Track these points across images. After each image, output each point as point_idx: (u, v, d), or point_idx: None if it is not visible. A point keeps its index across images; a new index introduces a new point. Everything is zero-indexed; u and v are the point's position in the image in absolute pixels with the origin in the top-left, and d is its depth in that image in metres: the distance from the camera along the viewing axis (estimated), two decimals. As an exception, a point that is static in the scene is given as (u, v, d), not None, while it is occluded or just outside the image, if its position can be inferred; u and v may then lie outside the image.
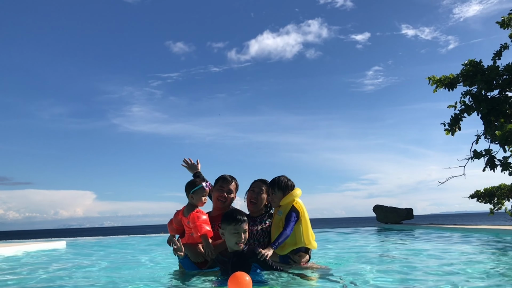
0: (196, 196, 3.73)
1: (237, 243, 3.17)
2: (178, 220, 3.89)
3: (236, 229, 3.18)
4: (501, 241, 6.86)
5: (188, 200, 3.81)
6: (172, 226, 3.96)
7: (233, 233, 3.18)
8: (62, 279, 4.03)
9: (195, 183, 3.80)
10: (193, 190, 3.74)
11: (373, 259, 4.93)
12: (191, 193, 3.75)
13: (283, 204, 3.83)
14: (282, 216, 3.77)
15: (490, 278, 3.35)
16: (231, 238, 3.19)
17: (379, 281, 3.22)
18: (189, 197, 3.77)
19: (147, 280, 3.67)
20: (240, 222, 3.20)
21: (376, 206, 16.95)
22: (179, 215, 3.86)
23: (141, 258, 6.14)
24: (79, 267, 5.19)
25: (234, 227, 3.18)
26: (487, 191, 12.98)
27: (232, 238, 3.19)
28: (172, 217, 4.00)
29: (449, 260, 4.59)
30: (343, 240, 8.80)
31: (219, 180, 4.04)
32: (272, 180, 3.96)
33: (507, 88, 10.70)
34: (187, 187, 3.82)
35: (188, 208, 3.77)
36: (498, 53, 11.21)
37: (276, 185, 3.87)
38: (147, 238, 12.22)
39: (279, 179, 3.91)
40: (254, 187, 4.01)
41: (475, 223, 21.92)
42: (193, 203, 3.76)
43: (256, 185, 4.01)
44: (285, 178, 3.93)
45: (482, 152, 10.57)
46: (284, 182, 3.89)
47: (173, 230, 3.98)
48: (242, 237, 3.18)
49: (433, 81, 11.51)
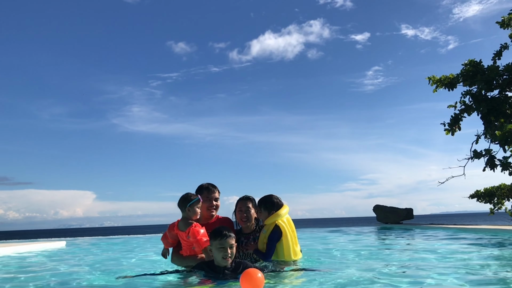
0: (192, 209, 3.86)
1: (223, 257, 3.29)
2: (173, 234, 4.02)
3: (222, 243, 3.30)
4: (501, 241, 6.86)
5: (183, 214, 3.92)
6: (167, 240, 4.09)
7: (219, 247, 3.30)
8: (62, 279, 4.03)
9: (190, 197, 3.92)
10: (190, 204, 3.85)
11: (373, 259, 4.93)
12: (188, 207, 3.85)
13: (267, 223, 4.07)
14: (266, 234, 4.04)
15: (490, 277, 3.36)
16: (218, 253, 3.31)
17: (379, 281, 3.21)
18: (186, 211, 3.88)
19: (147, 280, 3.67)
20: (226, 237, 3.32)
21: (376, 206, 16.95)
22: (174, 230, 3.98)
23: (141, 258, 6.14)
24: (79, 267, 5.19)
25: (219, 241, 3.31)
26: (487, 191, 12.97)
27: (219, 253, 3.31)
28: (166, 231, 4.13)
29: (449, 260, 4.59)
30: (343, 240, 8.79)
31: (203, 191, 4.19)
32: (260, 199, 4.21)
33: (507, 88, 10.70)
34: (182, 201, 3.91)
35: (184, 222, 3.89)
36: (498, 53, 11.21)
37: (263, 204, 4.14)
38: (147, 238, 12.22)
39: (265, 198, 4.16)
40: (241, 206, 4.22)
41: (475, 223, 21.93)
42: (189, 216, 3.87)
43: (242, 204, 4.22)
44: (273, 197, 4.17)
45: (482, 152, 10.57)
46: (269, 201, 4.13)
47: (168, 244, 4.13)
48: (228, 252, 3.29)
49: (433, 81, 11.51)
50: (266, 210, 4.10)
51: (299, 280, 3.34)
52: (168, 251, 4.18)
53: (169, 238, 4.06)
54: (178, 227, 3.91)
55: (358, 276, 3.48)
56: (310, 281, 3.24)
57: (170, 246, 4.12)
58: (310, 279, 3.33)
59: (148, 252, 7.11)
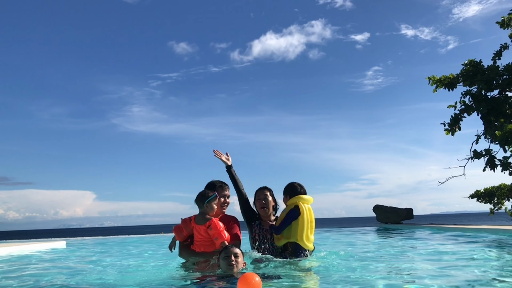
0: (209, 205, 4.03)
1: (228, 265, 3.42)
2: (190, 228, 4.11)
3: (226, 252, 3.48)
4: (502, 241, 6.86)
5: (201, 210, 4.06)
6: (182, 232, 4.15)
7: (224, 257, 3.47)
8: (62, 279, 4.03)
9: (208, 193, 4.08)
10: (208, 200, 4.01)
11: (372, 260, 4.93)
12: (206, 203, 4.01)
13: (289, 203, 4.42)
14: (285, 212, 4.38)
15: (490, 277, 3.36)
16: (223, 262, 3.46)
17: (379, 281, 3.21)
18: (204, 207, 4.03)
19: (146, 280, 3.67)
20: (229, 247, 3.54)
21: (376, 206, 16.95)
22: (191, 224, 4.08)
23: (141, 258, 6.14)
24: (79, 267, 5.19)
25: (224, 251, 3.51)
26: (487, 191, 12.97)
27: (224, 261, 3.45)
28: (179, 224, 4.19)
29: (449, 260, 4.59)
30: (342, 240, 8.79)
31: (217, 188, 4.31)
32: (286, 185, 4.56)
33: (507, 88, 10.69)
34: (200, 197, 4.07)
35: (202, 217, 4.03)
36: (498, 53, 11.20)
37: (285, 189, 4.55)
38: (147, 238, 12.22)
39: (288, 184, 4.54)
40: (259, 195, 4.53)
41: (475, 223, 21.92)
42: (207, 211, 4.03)
43: (260, 193, 4.54)
44: (295, 184, 4.53)
45: (482, 152, 10.55)
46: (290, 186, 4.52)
47: (181, 236, 4.19)
48: (232, 259, 3.43)
49: (433, 81, 11.50)
50: (287, 194, 4.47)
51: (299, 282, 3.34)
52: (175, 244, 4.28)
53: (184, 231, 4.14)
54: (196, 221, 4.03)
55: (358, 276, 3.48)
56: (310, 281, 3.24)
57: (183, 239, 4.20)
58: (311, 279, 3.33)
59: (149, 252, 7.11)
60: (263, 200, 4.49)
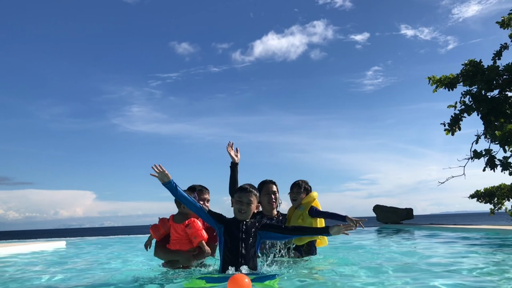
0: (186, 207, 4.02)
1: (239, 211, 3.35)
2: (167, 227, 4.15)
3: (240, 197, 3.37)
4: (502, 241, 6.86)
5: (179, 209, 4.12)
6: (159, 231, 4.20)
7: (237, 200, 3.38)
8: (62, 279, 4.03)
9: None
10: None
11: (372, 260, 4.93)
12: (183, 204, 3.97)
13: (305, 202, 4.38)
14: (304, 211, 4.30)
15: (490, 277, 3.36)
16: (235, 205, 3.38)
17: (379, 282, 3.21)
18: (181, 207, 4.08)
19: (147, 280, 3.67)
20: (245, 191, 3.38)
21: (376, 206, 16.96)
22: (169, 222, 4.13)
23: (141, 258, 6.13)
24: (79, 267, 5.19)
25: (238, 194, 3.39)
26: (487, 191, 12.97)
27: (236, 205, 3.38)
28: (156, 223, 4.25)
29: (449, 260, 4.59)
30: (342, 240, 8.79)
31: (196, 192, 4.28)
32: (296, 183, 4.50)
33: (507, 88, 10.69)
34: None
35: (181, 216, 4.07)
36: (498, 53, 11.21)
37: (303, 187, 4.48)
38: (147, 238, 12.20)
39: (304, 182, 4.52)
40: (268, 189, 4.31)
41: (475, 223, 21.92)
42: (185, 212, 4.06)
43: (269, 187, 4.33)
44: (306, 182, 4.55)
45: (482, 152, 10.56)
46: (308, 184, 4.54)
47: (158, 235, 4.23)
48: (243, 206, 3.34)
49: (433, 81, 11.50)
50: (305, 191, 4.46)
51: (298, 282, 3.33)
52: (150, 243, 4.33)
53: (161, 229, 4.18)
54: (174, 219, 4.09)
55: (357, 276, 3.48)
56: (310, 282, 3.24)
57: (159, 237, 4.23)
58: (310, 280, 3.32)
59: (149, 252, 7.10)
60: (272, 195, 4.28)
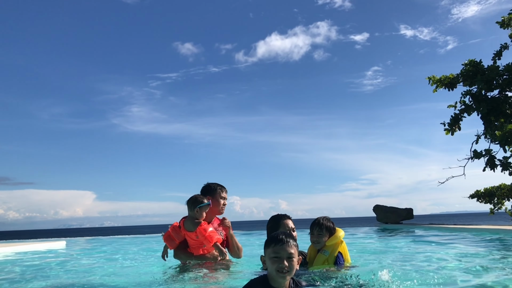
0: (200, 211, 4.00)
1: (278, 270, 2.31)
2: (181, 235, 4.08)
3: (276, 251, 2.35)
4: (502, 241, 6.86)
5: (190, 214, 4.04)
6: (174, 241, 4.11)
7: (272, 257, 2.35)
8: (62, 279, 4.03)
9: (202, 200, 4.04)
10: (200, 206, 3.98)
11: (372, 260, 4.93)
12: (197, 208, 3.98)
13: (329, 244, 3.86)
14: (329, 256, 3.82)
15: (490, 277, 3.36)
16: (271, 264, 2.35)
17: (379, 282, 3.21)
18: (193, 211, 4.00)
19: (147, 279, 3.67)
20: (282, 243, 2.36)
21: (376, 206, 16.96)
22: (181, 231, 4.06)
23: (141, 257, 6.14)
24: (79, 267, 5.19)
25: (273, 249, 2.37)
26: (487, 191, 12.98)
27: (272, 265, 2.34)
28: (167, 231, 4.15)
29: (449, 260, 4.59)
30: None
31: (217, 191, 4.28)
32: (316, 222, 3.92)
33: (507, 88, 10.69)
34: (192, 202, 4.02)
35: (191, 222, 4.00)
36: (498, 53, 11.21)
37: (325, 227, 3.87)
38: (146, 238, 12.23)
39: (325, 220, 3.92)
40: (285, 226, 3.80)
41: (475, 223, 21.93)
42: (196, 217, 4.00)
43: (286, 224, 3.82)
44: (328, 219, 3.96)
45: (482, 152, 10.56)
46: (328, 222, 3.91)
47: (174, 245, 4.13)
48: (284, 264, 2.31)
49: (433, 81, 11.51)
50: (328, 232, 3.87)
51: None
52: (167, 253, 4.20)
53: (175, 239, 4.09)
54: (186, 228, 4.00)
55: (357, 277, 3.48)
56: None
57: (175, 247, 4.13)
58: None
59: (149, 252, 7.11)
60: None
